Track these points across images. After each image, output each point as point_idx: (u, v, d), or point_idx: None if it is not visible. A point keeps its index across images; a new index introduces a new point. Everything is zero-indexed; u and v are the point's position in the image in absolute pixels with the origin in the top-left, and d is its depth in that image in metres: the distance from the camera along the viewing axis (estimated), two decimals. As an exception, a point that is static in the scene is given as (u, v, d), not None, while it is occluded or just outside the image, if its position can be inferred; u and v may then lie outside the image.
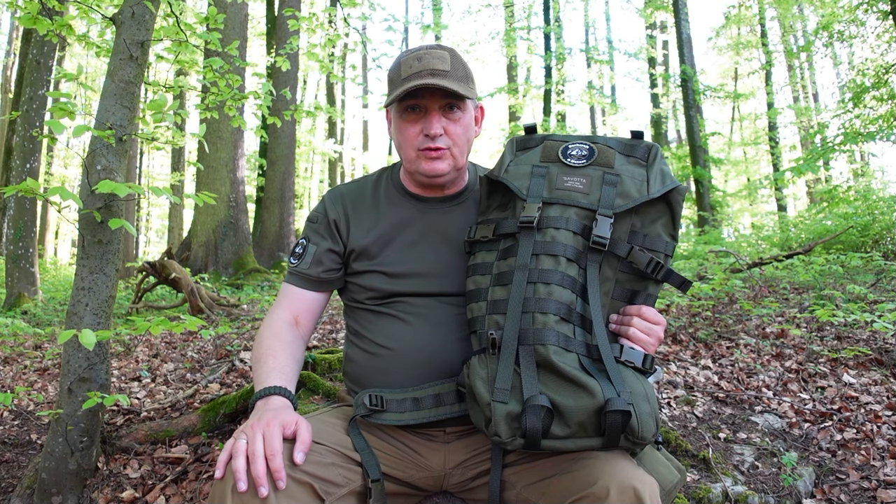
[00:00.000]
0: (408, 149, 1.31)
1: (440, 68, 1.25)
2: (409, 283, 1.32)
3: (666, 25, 19.03)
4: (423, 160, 1.30)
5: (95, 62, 19.35)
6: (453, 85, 1.24)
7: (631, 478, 1.01)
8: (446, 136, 1.29)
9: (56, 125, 1.67)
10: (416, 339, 1.28)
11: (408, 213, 1.39)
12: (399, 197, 1.41)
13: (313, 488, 1.05)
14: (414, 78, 1.24)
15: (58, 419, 1.84)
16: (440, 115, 1.28)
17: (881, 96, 9.62)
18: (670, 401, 2.45)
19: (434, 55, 1.26)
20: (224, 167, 8.79)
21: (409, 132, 1.30)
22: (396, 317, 1.31)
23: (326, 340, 3.71)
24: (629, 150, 1.19)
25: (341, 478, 1.12)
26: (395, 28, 18.67)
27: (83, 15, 3.02)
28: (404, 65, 1.27)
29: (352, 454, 1.17)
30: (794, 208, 21.50)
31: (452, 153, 1.31)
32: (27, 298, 7.06)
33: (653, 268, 1.12)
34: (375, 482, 1.14)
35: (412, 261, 1.34)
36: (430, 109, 1.27)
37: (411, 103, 1.28)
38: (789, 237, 9.69)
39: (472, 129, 1.35)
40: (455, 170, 1.34)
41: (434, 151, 1.29)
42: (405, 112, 1.30)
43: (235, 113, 3.20)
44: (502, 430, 1.00)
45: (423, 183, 1.37)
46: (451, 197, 1.40)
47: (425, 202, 1.40)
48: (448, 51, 1.29)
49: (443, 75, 1.24)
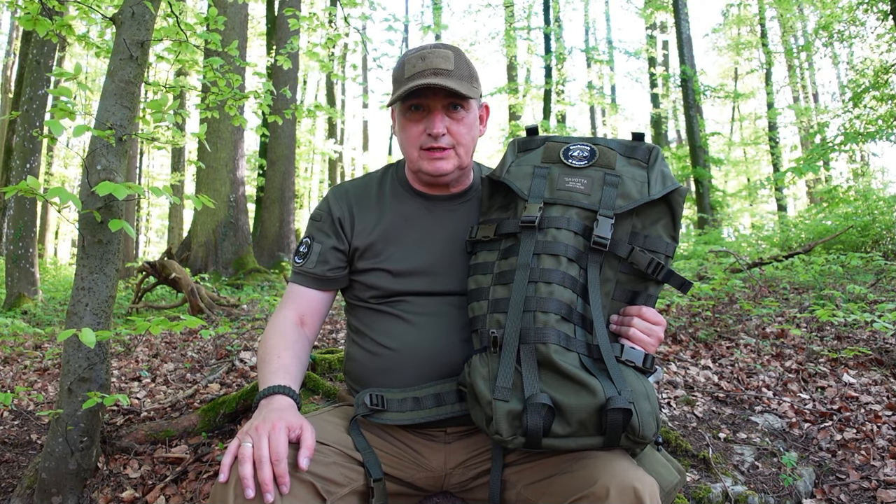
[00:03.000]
0: (411, 148, 1.31)
1: (443, 67, 1.24)
2: (414, 281, 1.32)
3: (666, 25, 19.02)
4: (426, 160, 1.30)
5: (95, 62, 19.35)
6: (456, 84, 1.23)
7: (631, 478, 1.02)
8: (449, 136, 1.29)
9: (56, 126, 1.67)
10: (418, 340, 1.28)
11: (413, 210, 1.38)
12: (404, 194, 1.40)
13: (315, 488, 1.05)
14: (417, 77, 1.24)
15: (58, 419, 1.84)
16: (443, 115, 1.27)
17: (881, 96, 9.61)
18: (670, 401, 2.45)
19: (438, 54, 1.26)
20: (224, 167, 8.79)
21: (413, 131, 1.30)
22: (399, 316, 1.31)
23: (326, 340, 3.71)
24: (630, 152, 1.20)
25: (343, 477, 1.12)
26: (396, 28, 18.68)
27: (83, 15, 3.02)
28: (408, 64, 1.27)
29: (353, 453, 1.18)
30: (794, 208, 21.50)
31: (457, 152, 1.31)
32: (27, 298, 7.06)
33: (653, 268, 1.12)
34: (378, 482, 1.14)
35: (416, 259, 1.33)
36: (433, 109, 1.27)
37: (414, 102, 1.28)
38: (789, 237, 9.68)
39: (476, 129, 1.35)
40: (459, 169, 1.33)
41: (438, 151, 1.29)
42: (408, 111, 1.30)
43: (236, 112, 3.20)
44: (503, 428, 1.00)
45: (427, 182, 1.36)
46: (456, 195, 1.40)
47: (430, 200, 1.39)
48: (452, 50, 1.29)
49: (446, 75, 1.24)
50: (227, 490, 0.99)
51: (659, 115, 18.50)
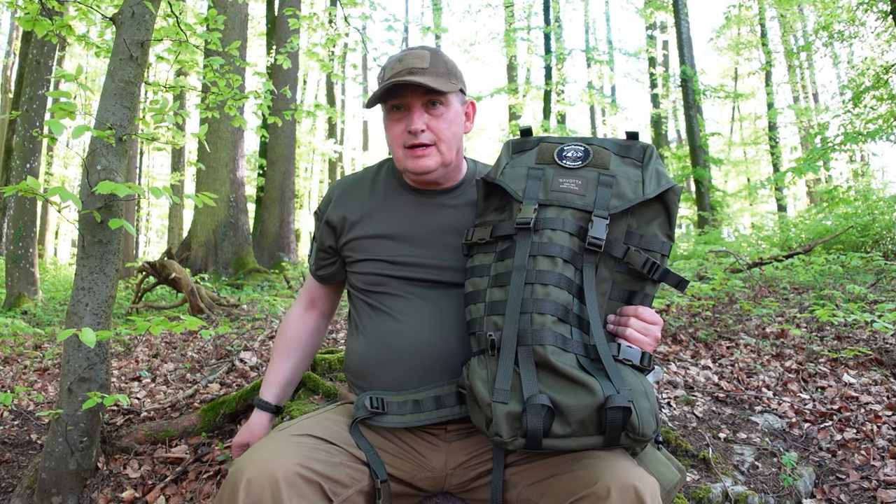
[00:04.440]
0: (396, 148, 1.35)
1: (419, 66, 1.28)
2: (406, 271, 1.34)
3: (666, 25, 19.02)
4: (410, 159, 1.32)
5: (95, 62, 19.34)
6: (431, 81, 1.26)
7: (632, 477, 1.02)
8: (430, 132, 1.31)
9: (56, 126, 1.67)
10: (411, 331, 1.29)
11: (404, 204, 1.41)
12: (398, 188, 1.43)
13: (322, 488, 1.07)
14: (393, 78, 1.27)
15: (58, 419, 1.84)
16: (422, 112, 1.30)
17: (881, 96, 9.61)
18: (670, 401, 2.45)
19: (413, 55, 1.31)
20: (224, 167, 8.78)
21: (395, 130, 1.33)
22: (393, 314, 1.32)
23: (326, 340, 3.71)
24: (624, 151, 1.20)
25: (348, 478, 1.13)
26: (396, 28, 18.65)
27: (83, 16, 3.02)
28: (387, 67, 1.32)
29: (358, 453, 1.19)
30: (794, 208, 21.48)
31: (439, 149, 1.32)
32: (27, 298, 7.06)
33: (649, 268, 1.12)
34: (384, 483, 1.16)
35: (408, 250, 1.36)
36: (412, 107, 1.30)
37: (395, 103, 1.32)
38: (789, 237, 9.68)
39: (458, 124, 1.36)
40: (443, 166, 1.35)
41: (420, 149, 1.31)
42: (391, 112, 1.34)
43: (236, 112, 3.20)
44: (503, 430, 1.01)
45: (416, 180, 1.39)
46: (447, 190, 1.42)
47: (422, 194, 1.41)
48: (429, 50, 1.33)
49: (421, 73, 1.27)
50: (234, 482, 1.03)
51: (659, 115, 18.49)
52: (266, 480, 1.02)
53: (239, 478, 1.03)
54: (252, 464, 1.05)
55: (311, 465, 1.08)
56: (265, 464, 1.05)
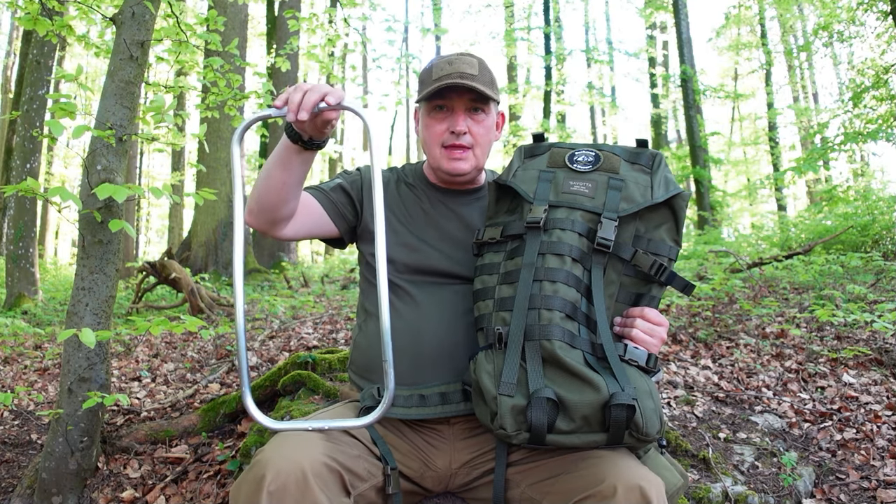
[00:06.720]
0: (433, 146, 1.38)
1: (469, 72, 1.33)
2: (422, 258, 1.36)
3: (666, 25, 19.02)
4: (446, 159, 1.37)
5: (95, 62, 19.35)
6: (480, 87, 1.31)
7: (638, 477, 1.03)
8: (470, 136, 1.36)
9: (56, 126, 1.67)
10: (424, 330, 1.30)
11: (425, 197, 1.45)
12: (418, 184, 1.47)
13: (343, 479, 1.08)
14: (445, 80, 1.31)
15: (58, 419, 1.84)
16: (465, 116, 1.35)
17: (881, 96, 9.61)
18: (670, 401, 2.46)
19: (464, 61, 1.35)
20: (224, 167, 8.79)
21: (436, 129, 1.37)
22: (403, 309, 1.34)
23: (326, 340, 3.71)
24: (634, 158, 1.23)
25: (365, 472, 1.15)
26: (395, 28, 18.64)
27: (83, 16, 3.02)
28: (436, 68, 1.35)
29: (372, 447, 1.21)
30: (794, 208, 21.47)
31: (475, 153, 1.38)
32: (27, 298, 7.06)
33: (656, 270, 1.14)
34: (394, 470, 1.18)
35: (426, 239, 1.39)
36: (456, 109, 1.35)
37: (440, 103, 1.36)
38: (789, 237, 9.67)
39: (493, 133, 1.42)
40: (476, 170, 1.40)
41: (458, 150, 1.36)
42: (433, 111, 1.37)
43: (236, 112, 3.20)
44: (508, 423, 1.02)
45: (445, 180, 1.43)
46: (468, 191, 1.47)
47: (443, 192, 1.46)
48: (476, 58, 1.38)
49: (471, 78, 1.32)
50: (256, 480, 1.00)
51: (659, 115, 18.49)
52: (292, 468, 1.01)
53: (266, 463, 1.01)
54: (278, 450, 1.05)
55: (336, 455, 1.09)
56: (292, 452, 1.04)
